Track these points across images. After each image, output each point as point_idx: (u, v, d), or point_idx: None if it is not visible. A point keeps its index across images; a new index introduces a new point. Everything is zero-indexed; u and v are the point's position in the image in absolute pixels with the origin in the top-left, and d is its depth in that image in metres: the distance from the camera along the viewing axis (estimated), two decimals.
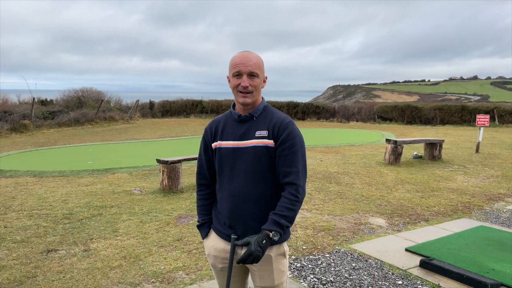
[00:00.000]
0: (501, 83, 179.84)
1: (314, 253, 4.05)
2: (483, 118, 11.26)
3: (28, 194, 6.34)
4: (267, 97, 2.00)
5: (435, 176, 7.94)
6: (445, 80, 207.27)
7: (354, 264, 3.78)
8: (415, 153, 10.25)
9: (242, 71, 1.82)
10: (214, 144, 1.98)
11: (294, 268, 3.67)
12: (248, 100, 1.86)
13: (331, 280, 3.45)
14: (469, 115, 21.46)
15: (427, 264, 3.66)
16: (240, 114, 1.92)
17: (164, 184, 6.47)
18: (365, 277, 3.52)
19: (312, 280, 3.46)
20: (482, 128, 11.28)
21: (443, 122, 22.10)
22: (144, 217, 5.14)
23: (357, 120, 23.89)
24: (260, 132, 1.87)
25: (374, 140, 14.29)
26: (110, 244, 4.20)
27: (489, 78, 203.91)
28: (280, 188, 1.90)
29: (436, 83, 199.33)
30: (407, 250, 4.11)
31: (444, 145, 10.77)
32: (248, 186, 1.88)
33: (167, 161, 6.41)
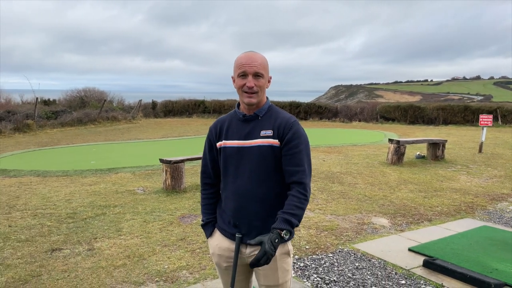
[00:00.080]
0: (504, 83, 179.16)
1: (317, 252, 4.06)
2: (486, 118, 11.24)
3: (32, 193, 6.37)
4: (269, 97, 2.01)
5: (438, 176, 7.93)
6: (447, 80, 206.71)
7: (357, 264, 3.79)
8: (418, 153, 10.23)
9: (248, 72, 1.84)
10: (218, 144, 1.99)
11: (297, 268, 3.68)
12: (254, 100, 1.87)
13: (334, 280, 3.46)
14: (472, 115, 21.39)
15: (431, 264, 3.66)
16: (245, 114, 1.93)
17: (167, 183, 6.49)
18: (368, 276, 3.53)
19: (315, 279, 3.47)
20: (485, 128, 11.25)
21: (446, 122, 22.04)
22: (148, 216, 5.16)
23: (359, 120, 23.85)
24: (265, 131, 1.88)
25: (377, 140, 14.28)
26: (114, 244, 4.22)
27: (492, 78, 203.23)
28: (284, 187, 1.91)
29: (439, 83, 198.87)
30: (410, 250, 4.11)
31: (447, 145, 10.75)
32: (252, 185, 1.89)
33: (170, 160, 6.43)
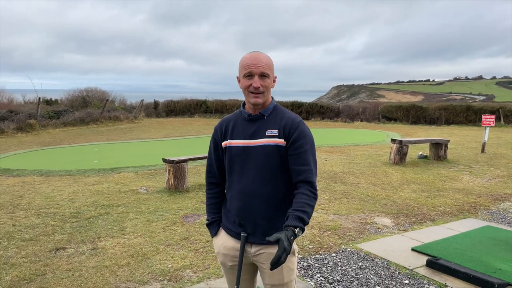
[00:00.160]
0: (506, 83, 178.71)
1: (320, 252, 4.07)
2: (488, 118, 11.22)
3: (36, 193, 6.39)
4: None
5: (441, 176, 7.92)
6: (450, 80, 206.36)
7: (360, 264, 3.79)
8: (420, 153, 10.22)
9: (253, 72, 1.84)
10: (224, 143, 1.99)
11: (300, 267, 3.68)
12: (260, 100, 1.87)
13: (337, 279, 3.46)
14: (474, 115, 21.36)
15: (434, 264, 3.66)
16: (250, 114, 1.94)
17: (170, 183, 6.50)
18: (371, 276, 3.53)
19: (319, 279, 3.47)
20: (487, 128, 11.24)
21: (448, 122, 22.01)
22: (151, 216, 5.18)
23: (361, 120, 23.84)
24: (271, 131, 1.88)
25: (379, 140, 14.27)
26: (118, 243, 4.24)
27: (494, 77, 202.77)
28: (289, 186, 1.92)
29: (441, 83, 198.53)
30: (413, 249, 4.11)
31: (450, 145, 10.73)
32: (258, 184, 1.89)
33: (173, 160, 6.44)
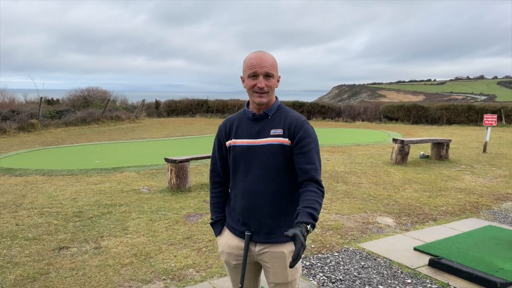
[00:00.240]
0: (507, 82, 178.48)
1: (322, 251, 4.07)
2: (490, 118, 11.22)
3: (38, 192, 6.41)
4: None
5: (443, 175, 7.92)
6: (451, 80, 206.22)
7: (363, 263, 3.80)
8: (422, 153, 10.22)
9: (258, 72, 1.85)
10: (228, 142, 2.00)
11: (303, 267, 3.69)
12: (264, 100, 1.88)
13: (340, 279, 3.47)
14: (475, 115, 21.34)
15: (436, 263, 3.67)
16: (254, 113, 1.95)
17: (172, 183, 6.51)
18: (374, 275, 3.54)
19: (321, 278, 3.48)
20: (489, 128, 11.23)
21: (450, 122, 22.00)
22: (153, 215, 5.19)
23: (362, 120, 23.84)
24: (275, 130, 1.89)
25: (380, 140, 14.27)
26: (121, 242, 4.25)
27: (495, 77, 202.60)
28: (294, 185, 1.93)
29: (442, 83, 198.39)
30: (415, 249, 4.12)
31: (451, 145, 10.73)
32: (262, 183, 1.90)
33: (175, 160, 6.45)
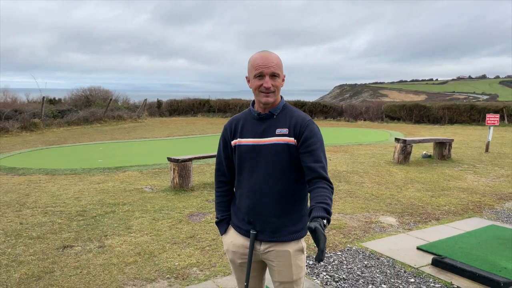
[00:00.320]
0: (510, 82, 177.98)
1: (325, 251, 4.08)
2: (493, 118, 11.20)
3: (42, 191, 6.44)
4: None
5: (445, 175, 7.92)
6: (453, 79, 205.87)
7: (366, 262, 3.81)
8: (424, 152, 10.22)
9: (264, 73, 1.86)
10: (233, 142, 2.01)
11: (306, 266, 3.70)
12: (271, 99, 1.89)
13: (343, 278, 3.48)
14: (478, 115, 21.30)
15: (439, 263, 3.68)
16: (260, 112, 1.96)
17: (175, 182, 6.53)
18: (377, 274, 3.55)
19: (324, 277, 3.49)
20: (492, 128, 11.22)
21: (452, 122, 21.97)
22: (157, 214, 5.21)
23: (364, 120, 23.81)
24: (281, 129, 1.90)
25: (382, 139, 14.26)
26: (124, 241, 4.27)
27: (497, 77, 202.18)
28: (299, 184, 1.94)
29: (444, 82, 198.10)
30: (418, 248, 4.13)
31: (453, 144, 10.73)
32: (268, 182, 1.91)
33: (178, 159, 6.47)
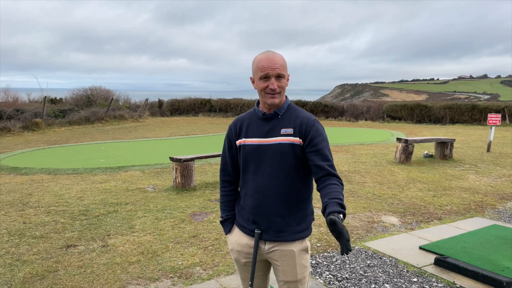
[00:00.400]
0: (511, 81, 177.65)
1: (328, 250, 4.09)
2: (494, 117, 11.19)
3: (44, 191, 6.45)
4: None
5: (447, 175, 7.92)
6: (454, 79, 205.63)
7: (368, 262, 3.82)
8: (426, 152, 10.22)
9: (270, 74, 1.86)
10: (238, 142, 2.02)
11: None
12: (276, 100, 1.90)
13: (346, 277, 3.49)
14: (479, 114, 21.30)
15: (442, 262, 3.68)
16: (264, 112, 1.96)
17: (177, 181, 6.54)
18: (380, 274, 3.56)
19: (327, 276, 3.50)
20: (493, 127, 11.21)
21: (453, 121, 21.96)
22: (159, 214, 5.22)
23: (365, 119, 23.80)
24: (286, 129, 1.91)
25: (384, 139, 14.26)
26: (128, 240, 4.28)
27: (499, 76, 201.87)
28: (303, 184, 1.95)
29: (445, 82, 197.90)
30: (421, 248, 4.13)
31: (455, 144, 10.72)
32: (272, 182, 1.92)
33: (180, 159, 6.48)
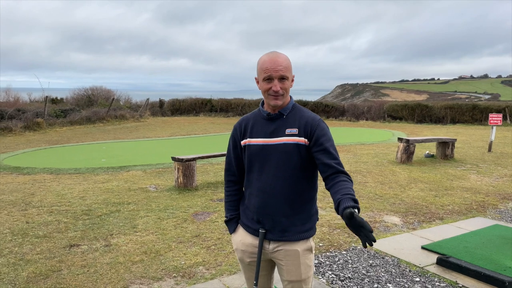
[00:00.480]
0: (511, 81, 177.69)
1: (330, 250, 4.10)
2: (495, 117, 11.20)
3: (47, 190, 6.47)
4: None
5: (448, 175, 7.93)
6: (455, 79, 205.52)
7: (371, 261, 3.83)
8: (427, 152, 10.23)
9: (273, 76, 1.86)
10: (243, 142, 2.03)
11: None
12: (280, 102, 1.91)
13: (349, 277, 3.50)
14: (480, 114, 21.30)
15: (444, 262, 3.69)
16: (269, 113, 1.98)
17: (179, 181, 6.56)
18: (382, 273, 3.57)
19: (330, 276, 3.51)
20: (494, 127, 11.22)
21: (454, 121, 21.96)
22: (161, 213, 5.23)
23: (366, 119, 23.81)
24: (291, 129, 1.92)
25: (385, 139, 14.27)
26: (130, 240, 4.30)
27: (499, 76, 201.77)
28: (308, 184, 1.96)
29: (446, 82, 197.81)
30: (423, 248, 4.14)
31: (456, 144, 10.73)
32: (277, 182, 1.93)
33: (182, 159, 6.49)
